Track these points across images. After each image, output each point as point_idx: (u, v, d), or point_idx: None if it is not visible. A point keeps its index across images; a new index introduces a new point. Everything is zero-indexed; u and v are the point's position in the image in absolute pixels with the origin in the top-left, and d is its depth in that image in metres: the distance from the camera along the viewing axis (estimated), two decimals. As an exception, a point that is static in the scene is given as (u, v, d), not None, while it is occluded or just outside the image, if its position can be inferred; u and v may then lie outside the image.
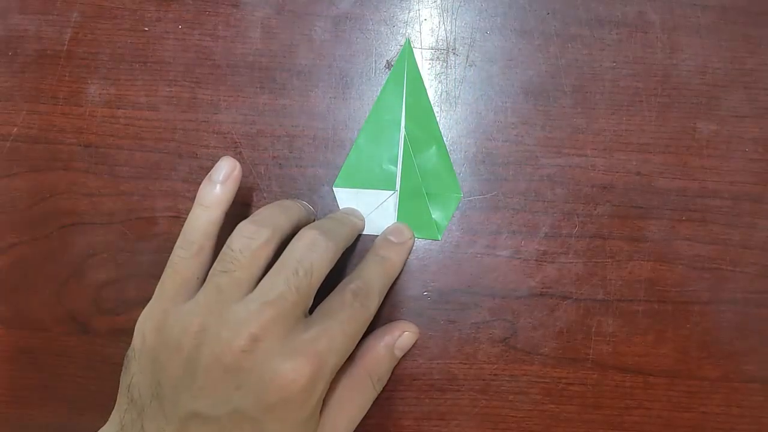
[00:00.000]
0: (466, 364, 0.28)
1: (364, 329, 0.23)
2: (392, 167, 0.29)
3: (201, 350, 0.21)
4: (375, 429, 0.28)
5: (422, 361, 0.28)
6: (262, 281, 0.22)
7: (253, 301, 0.21)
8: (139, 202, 0.29)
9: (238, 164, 0.24)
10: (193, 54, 0.30)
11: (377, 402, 0.28)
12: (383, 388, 0.27)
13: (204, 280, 0.23)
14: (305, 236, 0.23)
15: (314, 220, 0.28)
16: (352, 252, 0.29)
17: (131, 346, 0.23)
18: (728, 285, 0.29)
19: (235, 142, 0.29)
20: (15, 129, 0.29)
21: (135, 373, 0.22)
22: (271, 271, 0.22)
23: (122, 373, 0.23)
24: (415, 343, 0.28)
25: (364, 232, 0.29)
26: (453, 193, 0.29)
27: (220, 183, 0.23)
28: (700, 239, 0.29)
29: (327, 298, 0.24)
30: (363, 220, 0.28)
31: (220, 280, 0.22)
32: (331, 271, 0.23)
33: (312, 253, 0.22)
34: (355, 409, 0.25)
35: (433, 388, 0.28)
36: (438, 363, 0.28)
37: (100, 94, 0.29)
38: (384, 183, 0.29)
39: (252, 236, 0.22)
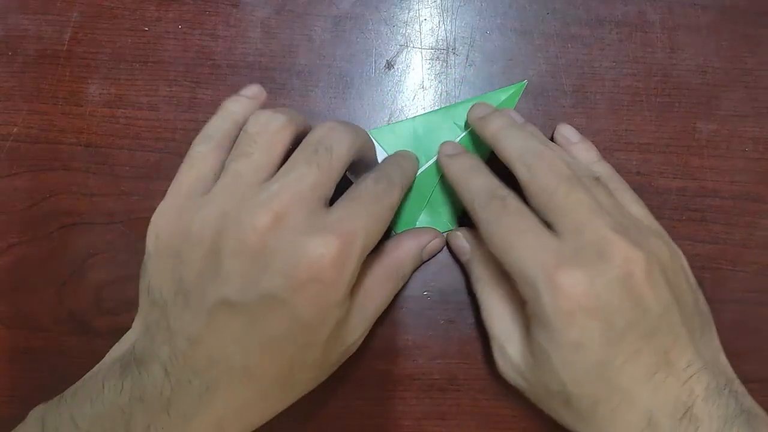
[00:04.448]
0: (466, 364, 0.28)
1: (389, 216, 0.22)
2: (425, 159, 0.29)
3: (223, 236, 0.20)
4: (375, 429, 0.28)
5: (422, 361, 0.28)
6: (282, 167, 0.22)
7: (274, 183, 0.21)
8: (139, 202, 0.29)
9: (264, 92, 0.25)
10: (193, 54, 0.30)
11: (377, 402, 0.28)
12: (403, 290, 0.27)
13: (218, 178, 0.22)
14: (324, 124, 0.22)
15: None
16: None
17: (146, 251, 0.22)
18: (728, 284, 0.29)
19: (235, 142, 0.29)
20: (15, 129, 0.29)
21: (152, 275, 0.22)
22: (291, 156, 0.22)
23: (140, 280, 0.23)
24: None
25: None
26: (446, 220, 0.29)
27: (248, 97, 0.24)
28: (700, 239, 0.29)
29: (347, 189, 0.23)
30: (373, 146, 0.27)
31: (238, 165, 0.21)
32: None
33: (332, 134, 0.22)
34: (383, 299, 0.24)
35: (433, 388, 0.28)
36: (438, 363, 0.28)
37: (100, 94, 0.29)
38: None
39: (269, 120, 0.22)
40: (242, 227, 0.20)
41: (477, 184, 0.24)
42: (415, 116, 0.29)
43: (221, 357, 0.20)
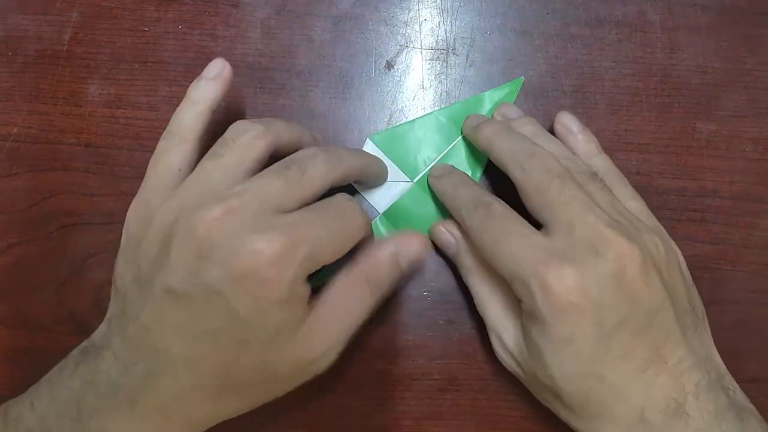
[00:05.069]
0: (466, 364, 0.28)
1: (349, 236, 0.22)
2: (426, 161, 0.29)
3: (177, 226, 0.20)
4: (375, 429, 0.28)
5: (422, 361, 0.28)
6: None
7: (238, 185, 0.21)
8: (139, 202, 0.29)
9: (228, 65, 0.25)
10: (193, 54, 0.30)
11: (377, 402, 0.28)
12: (384, 308, 0.25)
13: (187, 173, 0.23)
14: (307, 149, 0.23)
15: None
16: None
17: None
18: (728, 285, 0.29)
19: (235, 142, 0.29)
20: (15, 129, 0.29)
21: (120, 264, 0.23)
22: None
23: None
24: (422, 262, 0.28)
25: None
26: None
27: (209, 79, 0.24)
28: (699, 239, 0.29)
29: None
30: (384, 168, 0.28)
31: (206, 164, 0.22)
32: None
33: (311, 158, 0.22)
34: (350, 313, 0.22)
35: (433, 388, 0.28)
36: (438, 363, 0.28)
37: (100, 94, 0.29)
38: (408, 169, 0.29)
39: (246, 127, 0.22)
40: (194, 218, 0.20)
41: (463, 195, 0.25)
42: (413, 119, 0.29)
43: (164, 345, 0.20)
